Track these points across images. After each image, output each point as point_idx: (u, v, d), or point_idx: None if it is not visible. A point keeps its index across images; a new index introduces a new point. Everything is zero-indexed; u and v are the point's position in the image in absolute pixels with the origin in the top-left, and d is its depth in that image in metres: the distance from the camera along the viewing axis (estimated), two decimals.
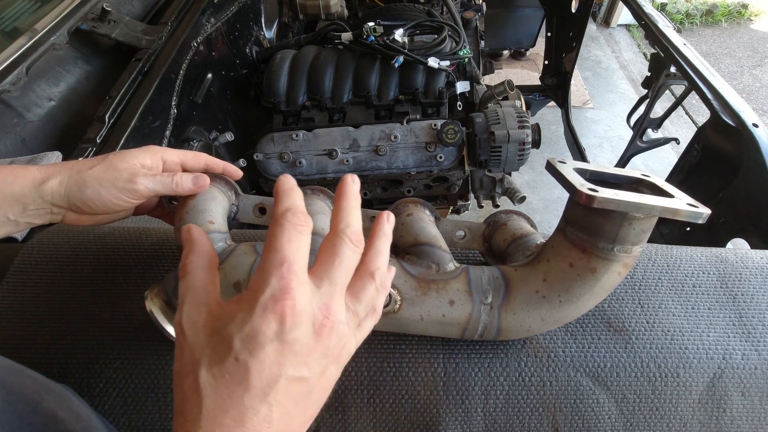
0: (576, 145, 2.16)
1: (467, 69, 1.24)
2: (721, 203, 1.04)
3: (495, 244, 0.58)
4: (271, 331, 0.29)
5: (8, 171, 0.43)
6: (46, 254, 0.61)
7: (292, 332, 0.29)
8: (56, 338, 0.56)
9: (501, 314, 0.49)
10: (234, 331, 0.29)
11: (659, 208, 0.41)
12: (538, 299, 0.49)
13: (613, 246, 0.44)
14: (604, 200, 0.40)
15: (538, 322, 0.49)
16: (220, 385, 0.29)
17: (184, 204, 0.51)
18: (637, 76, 3.43)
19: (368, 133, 1.12)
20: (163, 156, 0.49)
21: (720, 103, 1.05)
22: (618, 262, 0.46)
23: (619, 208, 0.41)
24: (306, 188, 0.57)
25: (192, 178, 0.49)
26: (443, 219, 0.59)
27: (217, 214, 0.51)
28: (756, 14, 4.17)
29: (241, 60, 1.33)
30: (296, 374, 0.30)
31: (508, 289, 0.50)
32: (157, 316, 0.46)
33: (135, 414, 0.54)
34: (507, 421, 0.54)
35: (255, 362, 0.29)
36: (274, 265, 0.30)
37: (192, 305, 0.33)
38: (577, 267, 0.47)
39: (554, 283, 0.48)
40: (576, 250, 0.47)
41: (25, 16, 1.02)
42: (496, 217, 0.61)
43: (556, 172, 0.46)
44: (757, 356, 0.55)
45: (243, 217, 0.58)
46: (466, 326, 0.50)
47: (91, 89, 0.99)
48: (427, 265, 0.52)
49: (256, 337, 0.29)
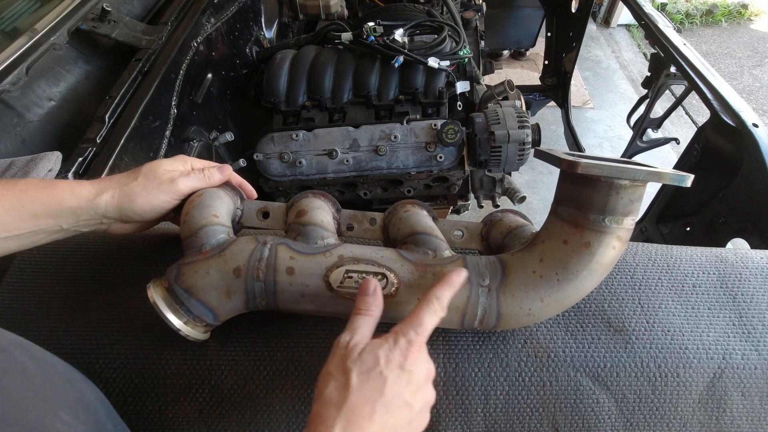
0: (576, 145, 2.16)
1: (467, 69, 1.23)
2: (721, 203, 1.04)
3: (492, 239, 0.59)
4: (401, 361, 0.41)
5: (66, 186, 0.50)
6: (47, 254, 0.61)
7: (415, 367, 0.42)
8: (56, 338, 0.56)
9: (500, 297, 0.49)
10: (381, 354, 0.41)
11: (643, 171, 0.41)
12: (536, 279, 0.49)
13: (604, 217, 0.45)
14: (588, 165, 0.41)
15: (539, 304, 0.49)
16: (364, 388, 0.39)
17: (191, 201, 0.55)
18: (637, 76, 3.43)
19: (368, 133, 1.12)
20: (192, 163, 0.57)
21: (720, 103, 1.05)
22: (611, 235, 0.46)
23: (603, 173, 0.41)
24: (306, 192, 0.59)
25: (218, 169, 0.58)
26: (441, 219, 0.60)
27: (221, 210, 0.54)
28: (756, 14, 4.17)
29: (241, 60, 1.33)
30: (410, 400, 0.41)
31: (505, 272, 0.50)
32: (159, 305, 0.48)
33: (135, 413, 0.54)
34: (507, 421, 0.54)
35: (391, 378, 0.40)
36: (415, 324, 0.43)
37: (361, 335, 0.43)
38: (571, 243, 0.47)
39: (550, 262, 0.48)
40: (568, 226, 0.47)
41: (25, 16, 1.02)
42: (492, 216, 0.62)
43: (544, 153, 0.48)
44: (757, 356, 0.55)
45: (247, 221, 0.60)
46: (465, 310, 0.50)
47: (91, 89, 0.99)
48: (423, 252, 0.53)
49: (395, 361, 0.41)
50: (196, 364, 0.55)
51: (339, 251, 0.51)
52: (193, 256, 0.50)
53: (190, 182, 0.55)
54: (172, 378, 0.54)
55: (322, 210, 0.56)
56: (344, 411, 0.38)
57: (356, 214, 0.60)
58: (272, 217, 0.60)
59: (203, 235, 0.51)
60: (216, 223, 0.52)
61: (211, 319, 0.51)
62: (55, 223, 0.49)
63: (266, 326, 0.57)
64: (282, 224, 0.59)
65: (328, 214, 0.57)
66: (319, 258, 0.50)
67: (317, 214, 0.55)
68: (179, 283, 0.49)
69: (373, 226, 0.60)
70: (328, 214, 0.57)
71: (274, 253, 0.50)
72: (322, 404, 0.39)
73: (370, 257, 0.51)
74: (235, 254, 0.50)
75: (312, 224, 0.54)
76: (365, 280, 0.48)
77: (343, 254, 0.51)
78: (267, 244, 0.51)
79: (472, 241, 0.61)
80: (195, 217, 0.52)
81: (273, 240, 0.52)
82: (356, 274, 0.50)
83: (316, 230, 0.53)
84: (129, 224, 0.55)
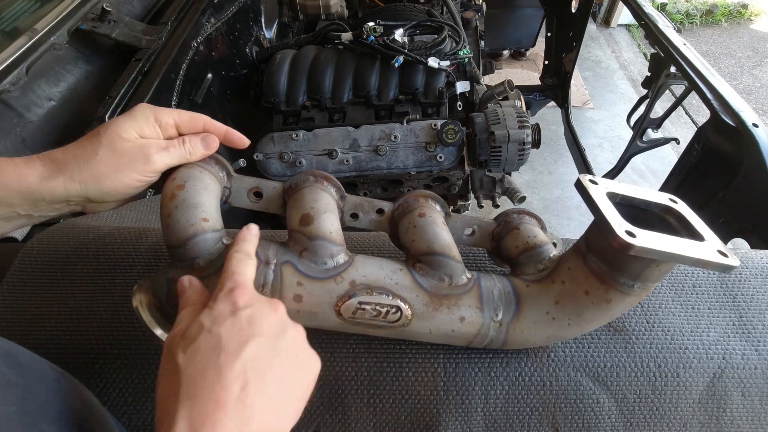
0: (576, 145, 2.16)
1: (467, 69, 1.23)
2: (721, 203, 1.04)
3: (505, 249, 0.56)
4: (230, 308, 0.37)
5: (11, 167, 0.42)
6: (46, 254, 0.61)
7: (251, 304, 0.38)
8: (56, 338, 0.56)
9: (509, 331, 0.49)
10: (204, 318, 0.36)
11: (692, 259, 0.40)
12: (548, 320, 0.49)
13: (635, 283, 0.44)
14: (642, 250, 0.39)
15: (543, 340, 0.50)
16: (196, 358, 0.34)
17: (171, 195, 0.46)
18: (637, 76, 3.43)
19: (368, 133, 1.12)
20: (157, 117, 0.45)
21: (720, 103, 1.05)
22: (635, 297, 0.45)
23: (655, 257, 0.40)
24: (308, 173, 0.53)
25: (202, 143, 0.48)
26: (453, 215, 0.57)
27: (210, 208, 0.47)
28: (756, 14, 4.17)
29: (241, 60, 1.33)
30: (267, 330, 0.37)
31: (519, 307, 0.49)
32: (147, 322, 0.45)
33: (135, 413, 0.54)
34: (507, 421, 0.54)
35: (225, 328, 0.35)
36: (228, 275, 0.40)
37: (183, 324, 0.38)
38: (593, 296, 0.46)
39: (566, 307, 0.48)
40: (594, 278, 0.46)
41: (25, 16, 1.02)
42: (508, 218, 0.57)
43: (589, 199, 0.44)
44: (757, 356, 0.55)
45: (236, 201, 0.53)
46: (473, 339, 0.50)
47: (91, 89, 0.99)
48: (439, 278, 0.50)
49: (224, 311, 0.37)
50: None
51: (350, 276, 0.48)
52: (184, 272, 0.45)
53: (168, 158, 0.45)
54: None
55: (329, 213, 0.50)
56: (182, 394, 0.32)
57: (362, 203, 0.56)
58: (266, 198, 0.53)
59: (193, 247, 0.45)
60: (207, 230, 0.46)
61: None
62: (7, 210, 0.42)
63: None
64: (277, 207, 0.54)
65: (334, 213, 0.52)
66: (330, 285, 0.47)
67: (325, 224, 0.49)
68: (171, 305, 0.45)
69: (380, 216, 0.56)
70: (334, 215, 0.51)
71: (280, 276, 0.46)
72: (159, 406, 0.33)
73: (384, 285, 0.48)
74: None
75: (319, 238, 0.48)
76: None
77: (356, 280, 0.48)
78: (270, 265, 0.47)
79: (482, 240, 0.58)
80: (181, 222, 0.45)
81: (276, 256, 0.47)
82: (369, 306, 0.47)
83: (325, 246, 0.48)
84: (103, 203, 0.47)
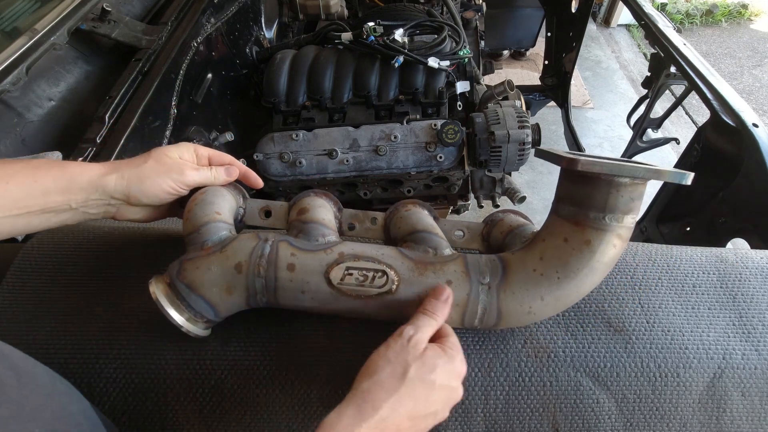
0: (576, 145, 2.16)
1: (467, 69, 1.23)
2: (721, 203, 1.04)
3: (493, 239, 0.59)
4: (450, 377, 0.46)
5: (76, 164, 0.51)
6: (46, 254, 0.61)
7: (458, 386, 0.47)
8: (56, 338, 0.56)
9: (500, 295, 0.49)
10: (439, 364, 0.45)
11: (642, 169, 0.41)
12: (536, 277, 0.49)
13: (604, 215, 0.45)
14: (588, 162, 0.41)
15: (539, 302, 0.49)
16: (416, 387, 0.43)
17: (194, 198, 0.55)
18: (637, 76, 3.43)
19: (368, 133, 1.12)
20: (196, 150, 0.58)
21: (720, 103, 1.05)
22: (611, 233, 0.46)
23: (603, 170, 0.42)
24: (309, 191, 0.60)
25: (224, 170, 0.58)
26: (442, 219, 0.60)
27: (223, 208, 0.55)
28: (756, 14, 4.17)
29: (241, 60, 1.33)
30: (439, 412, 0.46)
31: (505, 270, 0.50)
32: (161, 301, 0.49)
33: (135, 413, 0.54)
34: (507, 422, 0.54)
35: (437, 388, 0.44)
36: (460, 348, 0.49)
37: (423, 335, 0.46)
38: (572, 240, 0.47)
39: (551, 260, 0.49)
40: (569, 224, 0.48)
41: (25, 16, 1.02)
42: (493, 216, 0.62)
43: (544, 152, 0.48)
44: (757, 356, 0.55)
45: (249, 220, 0.60)
46: (465, 308, 0.50)
47: (91, 89, 0.99)
48: (424, 250, 0.53)
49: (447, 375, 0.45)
50: (196, 364, 0.55)
51: (340, 248, 0.52)
52: (195, 252, 0.51)
53: (197, 176, 0.56)
54: (172, 378, 0.54)
55: (323, 208, 0.57)
56: (393, 398, 0.41)
57: (358, 214, 0.61)
58: (274, 216, 0.60)
59: (205, 231, 0.52)
60: (218, 220, 0.53)
61: (212, 316, 0.51)
62: (64, 200, 0.49)
63: (266, 326, 0.57)
64: (284, 223, 0.59)
65: (330, 212, 0.58)
66: (320, 255, 0.51)
67: (319, 212, 0.56)
68: (181, 279, 0.50)
69: (374, 225, 0.60)
70: (330, 213, 0.58)
71: (276, 249, 0.51)
72: (374, 383, 0.42)
73: (371, 254, 0.51)
74: (237, 251, 0.50)
75: (313, 222, 0.54)
76: (440, 287, 0.49)
77: (344, 251, 0.51)
78: (268, 241, 0.51)
79: (473, 241, 0.61)
80: (197, 214, 0.53)
81: (274, 237, 0.52)
82: (357, 271, 0.50)
83: (318, 228, 0.54)
84: (136, 208, 0.55)
